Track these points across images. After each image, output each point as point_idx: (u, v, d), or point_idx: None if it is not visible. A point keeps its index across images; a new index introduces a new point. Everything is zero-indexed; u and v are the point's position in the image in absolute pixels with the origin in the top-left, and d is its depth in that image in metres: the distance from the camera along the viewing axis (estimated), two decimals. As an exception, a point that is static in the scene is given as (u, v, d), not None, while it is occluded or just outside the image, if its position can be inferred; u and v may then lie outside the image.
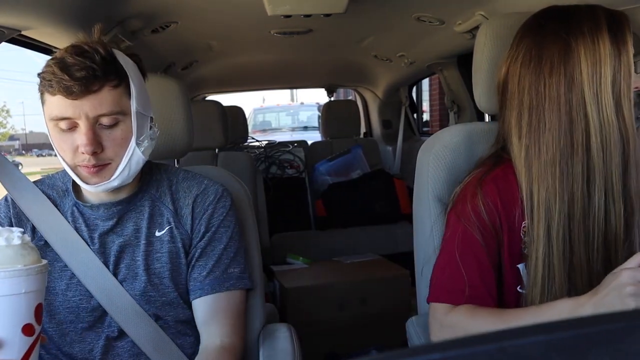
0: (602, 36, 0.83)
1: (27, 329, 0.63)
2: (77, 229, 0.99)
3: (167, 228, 1.00)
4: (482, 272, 0.88)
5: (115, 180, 0.95)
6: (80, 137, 0.90)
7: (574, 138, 0.84)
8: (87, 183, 0.94)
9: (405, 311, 2.19)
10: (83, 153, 0.90)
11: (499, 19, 1.07)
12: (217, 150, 2.40)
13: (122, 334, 0.97)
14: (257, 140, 3.48)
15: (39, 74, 0.91)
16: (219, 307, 0.99)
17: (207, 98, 3.62)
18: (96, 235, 0.99)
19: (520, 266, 0.91)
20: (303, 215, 3.10)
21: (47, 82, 0.88)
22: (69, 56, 0.88)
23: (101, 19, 1.45)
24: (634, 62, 0.88)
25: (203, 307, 1.00)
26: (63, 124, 0.90)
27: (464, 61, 2.47)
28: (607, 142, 0.84)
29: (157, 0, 1.58)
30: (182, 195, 1.03)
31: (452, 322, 0.86)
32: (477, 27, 1.69)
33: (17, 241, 0.64)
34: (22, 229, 0.68)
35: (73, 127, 0.91)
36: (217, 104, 2.37)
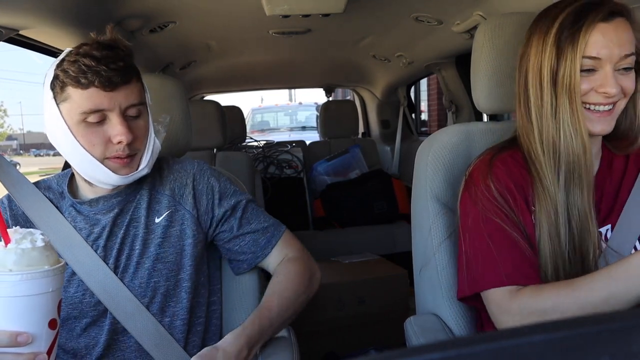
0: (551, 30, 0.85)
1: (52, 323, 0.68)
2: (76, 228, 0.99)
3: (166, 213, 1.02)
4: (520, 247, 0.86)
5: (144, 169, 0.99)
6: (115, 127, 0.92)
7: (535, 120, 0.88)
8: (117, 174, 0.95)
9: (404, 311, 2.20)
10: (119, 143, 0.92)
11: (497, 19, 1.07)
12: (215, 150, 2.40)
13: (124, 329, 0.97)
14: (256, 140, 3.48)
15: (59, 70, 0.91)
16: (279, 247, 1.08)
17: (206, 98, 3.62)
18: (97, 230, 0.99)
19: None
20: (301, 215, 3.10)
21: (81, 75, 0.88)
22: (95, 50, 0.90)
23: (99, 19, 1.45)
24: None
25: (276, 252, 1.07)
26: (93, 118, 0.91)
27: (462, 61, 2.47)
28: (543, 132, 0.87)
29: (155, 0, 1.57)
30: (177, 176, 1.05)
31: (520, 307, 0.82)
32: (475, 27, 1.70)
33: (40, 243, 0.67)
34: (41, 231, 0.70)
35: (102, 120, 0.92)
36: (215, 103, 2.37)
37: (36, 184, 1.05)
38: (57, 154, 1.00)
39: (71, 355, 0.98)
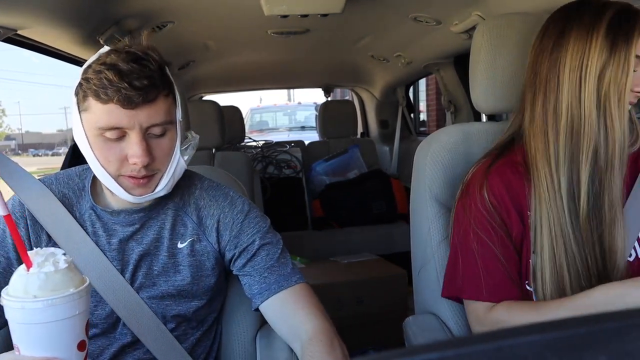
0: (599, 27, 0.83)
1: (81, 345, 0.67)
2: (94, 234, 0.95)
3: (189, 241, 0.97)
4: (503, 265, 0.89)
5: (161, 191, 0.92)
6: (132, 147, 0.85)
7: (564, 118, 0.86)
8: (130, 194, 0.89)
9: (403, 311, 2.20)
10: (134, 164, 0.86)
11: (495, 19, 1.07)
12: (213, 150, 2.40)
13: (134, 342, 0.95)
14: (254, 140, 3.48)
15: (83, 78, 0.85)
16: (297, 298, 0.96)
17: (204, 98, 3.62)
18: (114, 241, 0.95)
19: (532, 259, 0.90)
20: (300, 216, 3.10)
21: (100, 90, 0.82)
22: (122, 62, 0.83)
23: (98, 18, 1.45)
24: None
25: (283, 301, 0.95)
26: (111, 134, 0.85)
27: (461, 61, 2.47)
28: (581, 130, 0.84)
29: (153, 0, 1.57)
30: (208, 203, 0.99)
31: (493, 321, 0.88)
32: (473, 28, 1.70)
33: (63, 265, 0.65)
34: (62, 250, 0.67)
35: (121, 136, 0.85)
36: (214, 103, 2.37)
37: (55, 177, 0.99)
38: (55, 154, 0.98)
39: None
